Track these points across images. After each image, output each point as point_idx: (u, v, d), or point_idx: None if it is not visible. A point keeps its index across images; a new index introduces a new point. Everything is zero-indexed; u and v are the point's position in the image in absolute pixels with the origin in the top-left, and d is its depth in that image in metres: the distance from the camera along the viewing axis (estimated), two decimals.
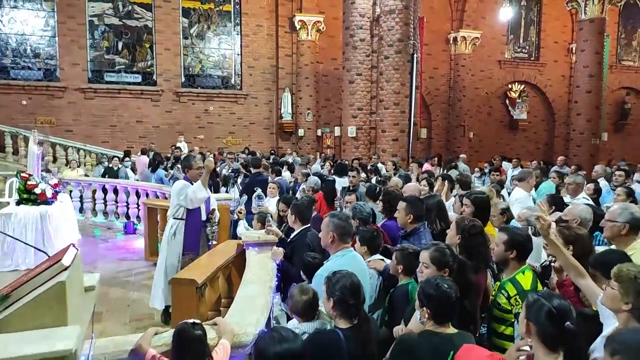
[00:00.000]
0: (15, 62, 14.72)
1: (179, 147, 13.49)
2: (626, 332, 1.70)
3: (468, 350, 1.63)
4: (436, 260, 2.51)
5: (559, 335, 1.75)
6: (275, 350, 1.78)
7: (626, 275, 2.13)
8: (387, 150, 11.73)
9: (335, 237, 2.90)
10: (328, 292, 2.27)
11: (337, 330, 2.20)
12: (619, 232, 3.18)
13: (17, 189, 7.18)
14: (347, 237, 2.96)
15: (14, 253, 6.68)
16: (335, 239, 2.91)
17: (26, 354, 1.36)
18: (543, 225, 2.41)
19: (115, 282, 6.23)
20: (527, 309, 1.87)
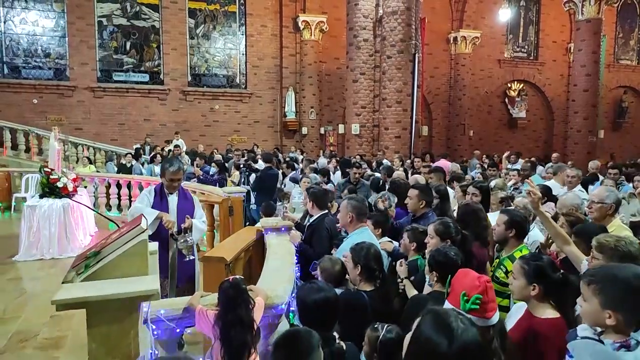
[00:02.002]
0: (26, 62, 15.08)
1: (178, 144, 13.76)
2: (598, 267, 2.07)
3: (463, 274, 2.00)
4: (440, 232, 2.90)
5: (538, 274, 2.20)
6: (314, 297, 2.14)
7: (607, 245, 2.50)
8: (390, 147, 12.09)
9: (353, 216, 3.29)
10: (354, 260, 2.64)
11: (361, 292, 2.58)
12: (606, 212, 3.57)
13: (40, 183, 7.53)
14: (363, 217, 3.34)
15: (39, 243, 7.04)
16: (353, 219, 3.29)
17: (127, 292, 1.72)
18: (533, 198, 2.77)
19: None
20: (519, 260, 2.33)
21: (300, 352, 1.67)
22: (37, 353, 4.13)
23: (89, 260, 1.88)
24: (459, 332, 1.32)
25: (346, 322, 2.32)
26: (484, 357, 1.37)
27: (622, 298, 1.68)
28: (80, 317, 4.84)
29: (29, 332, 4.53)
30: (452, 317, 1.37)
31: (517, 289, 2.32)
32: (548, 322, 2.17)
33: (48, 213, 7.14)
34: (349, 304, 2.42)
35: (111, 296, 1.72)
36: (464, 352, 1.30)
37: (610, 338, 1.70)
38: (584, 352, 1.67)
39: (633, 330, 1.67)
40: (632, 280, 1.69)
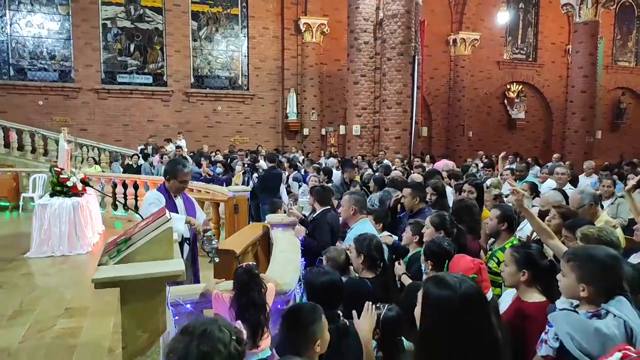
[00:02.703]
0: (32, 64, 15.32)
1: (180, 145, 13.99)
2: (577, 247, 2.30)
3: (458, 258, 2.21)
4: (435, 223, 3.15)
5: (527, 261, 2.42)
6: (321, 280, 2.36)
7: (591, 235, 2.73)
8: (390, 148, 12.32)
9: (355, 209, 3.52)
10: (358, 250, 2.87)
11: (364, 279, 2.81)
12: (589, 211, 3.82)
13: (50, 182, 7.75)
14: (364, 209, 3.58)
15: (49, 240, 7.27)
16: (356, 211, 3.52)
17: (156, 272, 1.94)
18: (518, 197, 3.00)
19: None
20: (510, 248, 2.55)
21: (303, 322, 1.88)
22: (55, 341, 4.35)
23: (120, 245, 2.10)
24: (458, 285, 1.54)
25: (350, 307, 2.53)
26: (483, 303, 1.58)
27: (595, 273, 1.91)
28: (94, 310, 5.07)
29: (45, 323, 4.75)
30: (447, 277, 1.60)
31: (508, 276, 2.54)
32: (535, 305, 2.39)
33: (58, 212, 7.37)
34: (353, 291, 2.64)
35: (142, 276, 1.94)
36: (465, 298, 1.51)
37: (584, 309, 1.93)
38: (562, 321, 1.90)
39: (603, 301, 1.89)
40: (604, 259, 1.93)
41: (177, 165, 3.99)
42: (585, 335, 1.77)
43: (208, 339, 1.27)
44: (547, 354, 1.96)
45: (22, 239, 8.25)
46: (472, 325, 1.49)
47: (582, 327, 1.81)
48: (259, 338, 2.41)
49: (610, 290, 1.90)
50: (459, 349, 1.48)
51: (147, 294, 1.98)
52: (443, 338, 1.50)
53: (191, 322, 1.36)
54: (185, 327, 1.34)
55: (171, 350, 1.30)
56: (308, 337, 1.82)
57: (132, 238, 2.11)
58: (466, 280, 1.59)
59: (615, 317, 1.81)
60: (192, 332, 1.29)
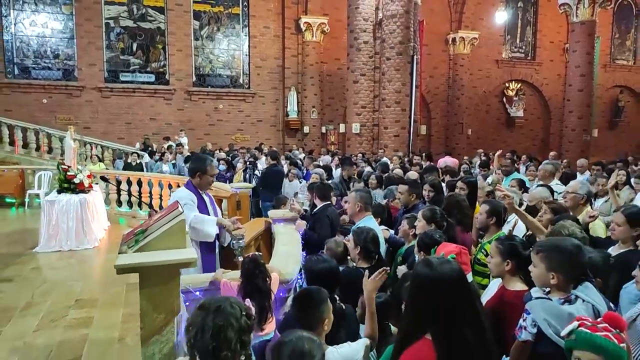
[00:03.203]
0: (36, 63, 15.52)
1: (181, 142, 14.22)
2: (544, 240, 2.51)
3: (444, 245, 2.43)
4: (426, 217, 3.37)
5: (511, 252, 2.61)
6: (319, 266, 2.58)
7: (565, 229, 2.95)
8: (389, 146, 12.53)
9: (361, 206, 3.73)
10: (355, 242, 3.09)
11: (360, 268, 3.02)
12: (578, 202, 4.02)
13: (58, 179, 7.97)
14: (369, 206, 3.80)
15: (57, 235, 7.49)
16: (361, 208, 3.74)
17: (172, 259, 2.16)
18: (507, 200, 3.21)
19: None
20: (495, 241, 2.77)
21: (313, 303, 2.11)
22: (68, 330, 4.58)
23: (138, 236, 2.31)
24: (440, 265, 1.74)
25: (346, 293, 2.75)
26: (464, 282, 1.77)
27: (562, 262, 2.12)
28: (103, 301, 5.29)
29: (57, 313, 4.98)
30: (432, 259, 1.80)
31: (494, 266, 2.75)
32: (516, 293, 2.59)
33: (66, 208, 7.59)
34: (349, 279, 2.86)
35: (159, 263, 2.15)
36: (447, 277, 1.70)
37: (556, 295, 2.14)
38: (539, 308, 2.09)
39: (572, 288, 2.10)
40: (569, 248, 2.15)
41: (205, 160, 4.03)
42: (560, 320, 1.97)
43: (222, 314, 1.50)
44: (526, 339, 2.14)
45: (29, 234, 8.48)
46: (453, 302, 1.69)
47: (557, 313, 2.01)
48: (263, 322, 2.63)
49: (577, 276, 2.11)
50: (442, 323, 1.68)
51: (163, 279, 2.19)
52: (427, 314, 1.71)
53: (207, 300, 1.59)
54: (201, 304, 1.57)
55: (190, 324, 1.52)
56: (317, 317, 2.04)
57: (148, 229, 2.33)
58: (449, 261, 1.79)
59: (585, 302, 2.02)
60: (208, 308, 1.52)
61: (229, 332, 1.48)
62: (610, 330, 1.60)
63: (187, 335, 1.54)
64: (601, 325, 1.62)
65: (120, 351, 4.17)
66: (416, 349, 1.68)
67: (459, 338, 1.65)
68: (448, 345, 1.64)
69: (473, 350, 1.65)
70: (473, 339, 1.67)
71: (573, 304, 2.06)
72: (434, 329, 1.68)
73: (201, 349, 1.49)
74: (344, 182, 6.89)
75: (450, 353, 1.63)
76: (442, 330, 1.66)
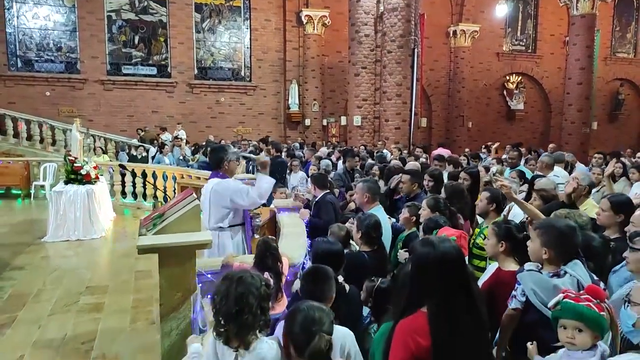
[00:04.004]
0: (39, 56, 15.60)
1: (178, 135, 14.34)
2: (544, 219, 2.66)
3: (445, 229, 2.58)
4: (430, 205, 3.52)
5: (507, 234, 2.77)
6: (322, 248, 2.74)
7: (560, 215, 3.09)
8: (390, 138, 12.64)
9: (369, 196, 3.88)
10: (358, 227, 3.25)
11: (362, 252, 3.18)
12: (580, 192, 4.18)
13: (65, 170, 8.12)
14: (377, 196, 3.95)
15: (65, 225, 7.65)
16: (369, 198, 3.88)
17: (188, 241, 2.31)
18: (505, 189, 3.36)
19: None
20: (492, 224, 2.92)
21: (323, 277, 2.27)
22: (81, 314, 4.75)
23: (156, 220, 2.46)
24: (438, 243, 1.88)
25: (349, 275, 2.90)
26: (461, 261, 1.91)
27: (555, 239, 2.30)
28: (113, 288, 5.46)
29: (69, 299, 5.15)
30: (431, 237, 1.95)
31: (489, 247, 2.91)
32: (510, 273, 2.75)
33: (73, 198, 7.75)
34: (351, 261, 3.01)
35: (176, 244, 2.29)
36: (444, 254, 1.85)
37: (547, 269, 2.32)
38: (528, 279, 2.29)
39: (562, 264, 2.26)
40: (563, 228, 2.33)
41: (224, 148, 4.10)
42: (546, 290, 2.15)
43: (243, 283, 1.67)
44: (516, 307, 2.35)
45: (36, 224, 8.65)
46: (451, 278, 1.84)
47: (544, 284, 2.20)
48: (274, 301, 2.78)
49: (568, 254, 2.27)
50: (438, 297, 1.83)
51: (181, 259, 2.34)
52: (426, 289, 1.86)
53: (229, 272, 1.76)
54: (225, 275, 1.74)
55: (215, 293, 1.69)
56: (326, 291, 2.20)
57: (165, 214, 2.47)
58: (447, 240, 1.94)
59: (571, 276, 2.19)
60: (231, 278, 1.69)
61: (250, 299, 1.65)
62: (591, 300, 1.77)
63: (212, 303, 1.71)
64: (584, 296, 1.80)
65: (132, 334, 4.34)
66: (411, 319, 1.83)
67: (451, 311, 1.80)
68: (441, 317, 1.79)
69: (463, 322, 1.80)
70: (464, 313, 1.82)
71: (561, 278, 2.23)
72: (430, 302, 1.82)
73: (225, 313, 1.65)
74: (348, 174, 7.03)
75: (442, 324, 1.78)
76: (437, 304, 1.81)
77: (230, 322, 1.65)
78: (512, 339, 2.40)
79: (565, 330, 1.81)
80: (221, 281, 1.74)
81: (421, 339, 1.77)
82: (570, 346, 1.80)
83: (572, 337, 1.79)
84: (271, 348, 1.70)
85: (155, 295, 5.12)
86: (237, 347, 1.68)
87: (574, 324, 1.79)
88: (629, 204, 3.20)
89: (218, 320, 1.68)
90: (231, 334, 1.67)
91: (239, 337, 1.66)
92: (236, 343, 1.68)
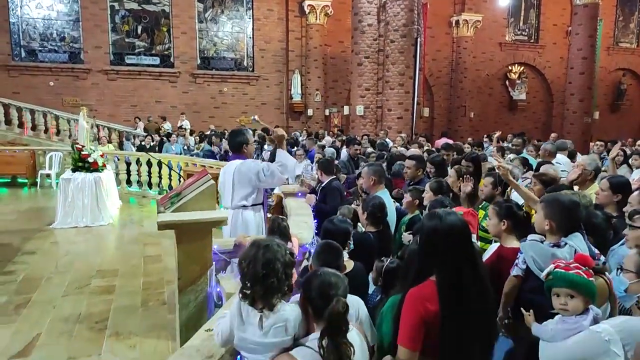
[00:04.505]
0: (42, 46, 15.65)
1: (182, 125, 14.47)
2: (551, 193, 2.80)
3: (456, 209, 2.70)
4: (433, 188, 3.65)
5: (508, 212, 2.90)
6: (328, 226, 2.87)
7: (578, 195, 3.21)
8: (393, 128, 12.73)
9: (375, 179, 4.00)
10: (364, 208, 3.37)
11: (368, 232, 3.30)
12: (586, 177, 4.28)
13: (72, 158, 8.23)
14: (383, 179, 4.07)
15: (73, 212, 7.79)
16: (375, 181, 4.00)
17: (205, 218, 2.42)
18: (503, 171, 3.47)
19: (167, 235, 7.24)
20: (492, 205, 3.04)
21: (335, 248, 2.42)
22: (93, 296, 4.89)
23: (173, 199, 2.57)
24: (445, 216, 1.99)
25: (356, 254, 3.02)
26: (466, 234, 2.01)
27: (557, 212, 2.44)
28: (123, 272, 5.59)
29: (81, 282, 5.29)
30: (438, 211, 2.04)
31: (492, 227, 3.02)
32: (512, 250, 2.87)
33: (81, 186, 7.87)
34: (358, 241, 3.12)
35: (194, 221, 2.41)
36: (450, 226, 1.95)
37: (549, 240, 2.47)
38: (529, 248, 2.44)
39: (563, 236, 2.39)
40: (566, 202, 2.48)
41: (245, 133, 4.25)
42: (544, 258, 2.30)
43: (270, 250, 1.80)
44: (517, 274, 2.52)
45: (43, 212, 8.80)
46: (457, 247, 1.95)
47: (543, 252, 2.34)
48: None
49: (569, 227, 2.41)
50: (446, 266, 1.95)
51: (198, 235, 2.46)
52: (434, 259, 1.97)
53: (256, 240, 1.88)
54: (252, 243, 1.87)
55: (243, 258, 1.81)
56: (339, 261, 2.32)
57: (181, 193, 2.59)
58: (453, 213, 2.05)
59: (570, 247, 2.31)
60: (259, 245, 1.82)
61: (276, 264, 1.77)
62: (580, 268, 1.91)
63: (240, 267, 1.83)
64: (573, 265, 1.93)
65: (144, 314, 4.49)
66: (421, 287, 1.95)
67: (459, 280, 1.91)
68: (449, 285, 1.90)
69: (469, 289, 1.91)
70: (470, 283, 1.94)
71: (561, 248, 2.36)
72: (439, 271, 1.94)
73: (252, 277, 1.77)
74: (351, 161, 7.14)
75: (450, 292, 1.90)
76: (445, 273, 1.93)
77: (257, 285, 1.76)
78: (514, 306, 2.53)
79: (558, 297, 1.95)
80: (249, 247, 1.86)
81: (430, 304, 1.89)
82: (564, 312, 1.93)
83: (565, 304, 1.92)
84: (293, 310, 1.82)
85: (166, 277, 5.29)
86: (261, 308, 1.79)
87: (566, 291, 1.92)
88: (627, 184, 3.32)
89: (244, 284, 1.80)
90: (257, 296, 1.78)
91: (264, 300, 1.78)
92: (261, 305, 1.79)
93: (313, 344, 1.71)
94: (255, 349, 1.81)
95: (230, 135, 4.46)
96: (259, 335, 1.79)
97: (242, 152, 4.10)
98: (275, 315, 1.78)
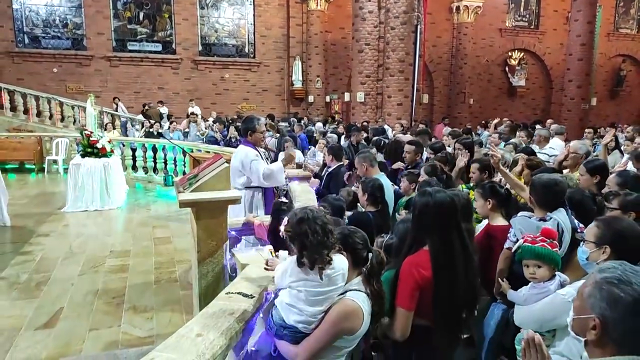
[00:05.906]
0: (45, 32, 15.77)
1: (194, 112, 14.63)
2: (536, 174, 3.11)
3: None
4: (426, 172, 3.93)
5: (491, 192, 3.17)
6: (323, 205, 3.14)
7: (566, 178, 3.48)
8: (392, 114, 12.93)
9: (366, 165, 4.25)
10: (363, 189, 3.63)
11: (367, 212, 3.56)
12: (577, 160, 4.54)
13: (81, 144, 8.47)
14: (374, 162, 4.32)
15: (83, 196, 8.06)
16: (368, 167, 4.25)
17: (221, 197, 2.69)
18: (494, 158, 3.71)
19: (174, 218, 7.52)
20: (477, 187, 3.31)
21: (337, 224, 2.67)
22: (108, 274, 5.18)
23: (191, 180, 2.83)
24: (434, 193, 2.26)
25: None
26: (455, 209, 2.27)
27: (540, 189, 2.76)
28: (135, 252, 5.87)
29: (96, 261, 5.58)
30: (429, 189, 2.32)
31: (479, 208, 3.29)
32: (499, 228, 3.14)
33: (91, 170, 8.13)
34: (358, 220, 3.39)
35: (211, 199, 2.67)
36: (439, 202, 2.22)
37: (536, 215, 2.76)
38: (518, 222, 2.78)
39: (549, 211, 2.68)
40: (548, 181, 2.78)
41: (253, 120, 4.51)
42: (531, 231, 2.60)
43: (318, 217, 1.97)
44: (509, 246, 2.81)
45: (53, 196, 9.08)
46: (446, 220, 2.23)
47: (530, 226, 2.67)
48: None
49: (551, 202, 2.69)
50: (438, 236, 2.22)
51: (214, 213, 2.72)
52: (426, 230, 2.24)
53: (299, 215, 2.00)
54: (292, 212, 2.06)
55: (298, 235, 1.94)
56: None
57: (198, 175, 2.85)
58: (442, 191, 2.32)
59: (553, 220, 2.61)
60: (307, 219, 1.95)
61: (328, 226, 1.95)
62: (545, 241, 2.21)
63: (299, 244, 1.95)
64: (539, 238, 2.23)
65: (158, 290, 4.78)
66: (415, 255, 2.24)
67: (449, 248, 2.19)
68: (440, 252, 2.18)
69: (457, 257, 2.20)
70: (459, 251, 2.22)
71: (546, 221, 2.65)
72: (431, 241, 2.22)
73: (296, 234, 1.94)
74: (353, 147, 7.38)
75: (441, 258, 2.18)
76: (436, 242, 2.21)
77: (301, 240, 1.92)
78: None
79: (528, 268, 2.28)
80: (297, 224, 1.96)
81: (424, 270, 2.18)
82: (534, 280, 2.24)
83: (534, 273, 2.24)
84: (342, 260, 2.02)
85: (176, 258, 5.59)
86: (320, 267, 1.93)
87: (534, 262, 2.28)
88: (603, 166, 3.59)
89: (302, 254, 1.93)
90: (319, 260, 1.91)
91: (322, 259, 1.91)
92: (320, 263, 1.93)
93: (361, 287, 2.01)
94: (316, 300, 1.97)
95: (243, 120, 4.78)
96: (322, 284, 1.94)
97: (247, 137, 4.42)
98: (332, 267, 1.95)
